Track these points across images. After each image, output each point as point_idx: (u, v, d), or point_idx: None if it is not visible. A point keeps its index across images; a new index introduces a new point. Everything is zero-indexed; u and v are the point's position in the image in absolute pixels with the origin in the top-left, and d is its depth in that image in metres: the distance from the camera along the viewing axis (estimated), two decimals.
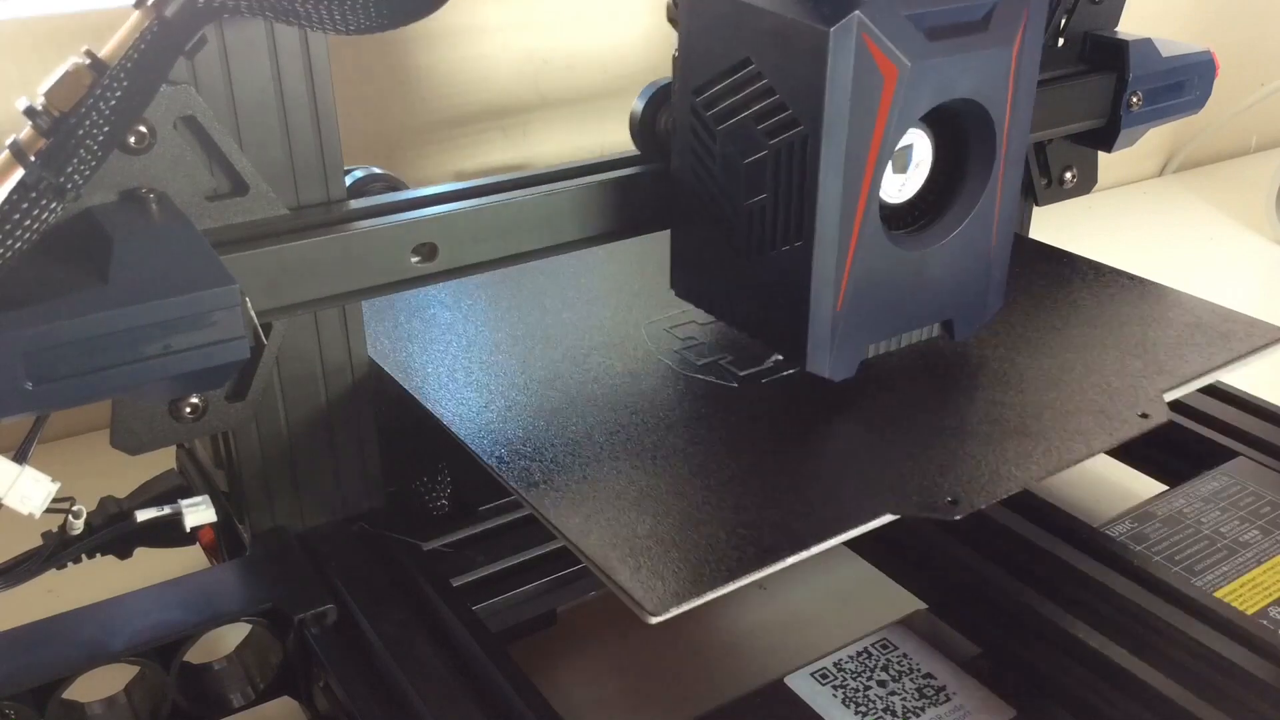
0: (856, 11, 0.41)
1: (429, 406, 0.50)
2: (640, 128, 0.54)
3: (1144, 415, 0.49)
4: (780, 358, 0.54)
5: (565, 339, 0.56)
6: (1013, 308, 0.59)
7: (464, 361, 0.54)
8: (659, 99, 0.54)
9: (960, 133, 0.48)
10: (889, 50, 0.43)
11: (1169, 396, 0.51)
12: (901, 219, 0.50)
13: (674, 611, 0.38)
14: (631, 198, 0.53)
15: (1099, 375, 0.53)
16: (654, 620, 0.38)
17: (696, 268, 0.52)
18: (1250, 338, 0.56)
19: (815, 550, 0.41)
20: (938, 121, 0.48)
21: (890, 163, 0.46)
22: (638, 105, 0.54)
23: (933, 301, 0.50)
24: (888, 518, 0.43)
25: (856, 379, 0.50)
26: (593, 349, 0.55)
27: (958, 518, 0.43)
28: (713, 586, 0.39)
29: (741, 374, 0.53)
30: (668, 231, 0.53)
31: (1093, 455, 0.47)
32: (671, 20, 0.51)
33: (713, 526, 0.42)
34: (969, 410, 0.50)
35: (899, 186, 0.48)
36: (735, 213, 0.48)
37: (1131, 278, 0.63)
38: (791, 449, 0.48)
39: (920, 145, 0.48)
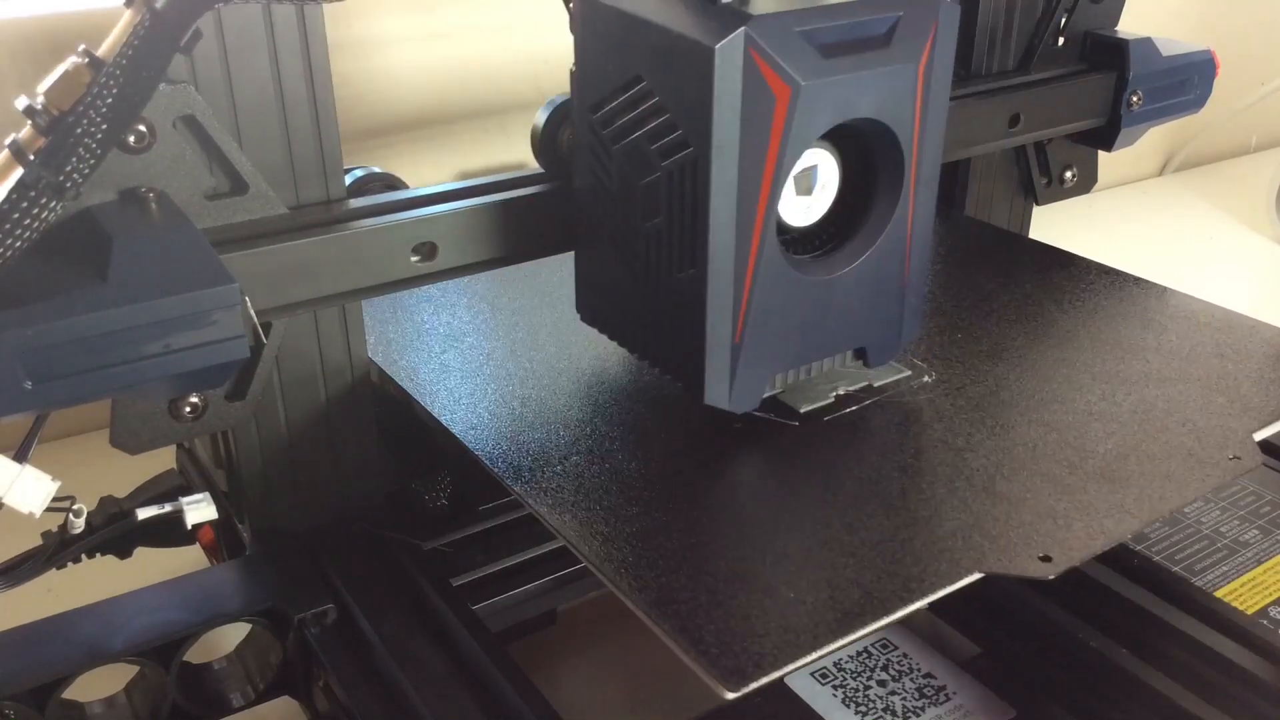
0: (744, 27, 0.39)
1: (439, 416, 0.49)
2: (542, 144, 0.52)
3: (1235, 458, 0.46)
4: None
5: (572, 340, 0.55)
6: (1078, 337, 0.55)
7: (469, 365, 0.53)
8: (560, 115, 0.51)
9: (867, 154, 0.46)
10: (780, 68, 0.40)
11: (1259, 436, 0.47)
12: (810, 243, 0.47)
13: (754, 685, 0.35)
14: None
15: (1181, 414, 0.49)
16: (732, 696, 0.35)
17: (600, 292, 0.50)
18: None
19: (900, 615, 0.38)
20: (843, 142, 0.45)
21: (792, 185, 0.44)
22: (539, 121, 0.52)
23: (842, 329, 0.47)
24: (975, 576, 0.39)
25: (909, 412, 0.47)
26: (596, 350, 0.54)
27: (1051, 578, 0.39)
28: (795, 656, 0.36)
29: None
30: None
31: (1186, 504, 0.44)
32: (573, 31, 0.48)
33: (776, 583, 0.39)
34: (1050, 454, 0.46)
35: (804, 210, 0.45)
36: (633, 236, 0.45)
37: (1200, 303, 0.59)
38: (847, 483, 0.44)
39: (825, 166, 0.45)
